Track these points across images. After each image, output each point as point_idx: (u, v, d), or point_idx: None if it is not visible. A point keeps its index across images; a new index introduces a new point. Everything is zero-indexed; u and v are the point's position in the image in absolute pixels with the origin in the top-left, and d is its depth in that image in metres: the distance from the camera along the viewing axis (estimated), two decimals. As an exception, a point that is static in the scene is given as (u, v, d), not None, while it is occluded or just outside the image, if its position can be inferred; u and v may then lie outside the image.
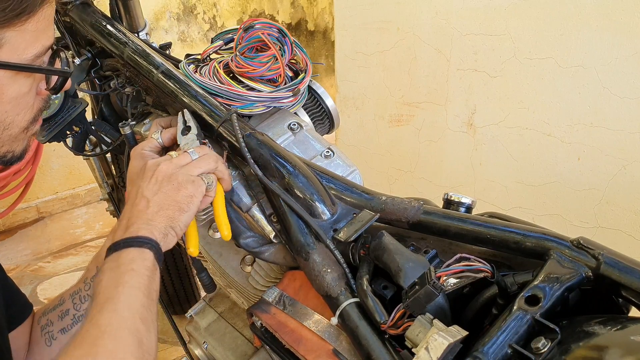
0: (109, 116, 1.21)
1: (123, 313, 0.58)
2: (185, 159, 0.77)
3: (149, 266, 0.65)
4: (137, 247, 0.66)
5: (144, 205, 0.71)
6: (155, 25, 3.23)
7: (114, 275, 0.63)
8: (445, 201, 0.79)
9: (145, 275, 0.63)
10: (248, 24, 0.97)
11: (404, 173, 2.19)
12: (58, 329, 0.80)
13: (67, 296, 0.82)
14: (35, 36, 0.61)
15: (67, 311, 0.81)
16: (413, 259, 0.66)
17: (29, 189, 2.67)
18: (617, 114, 1.46)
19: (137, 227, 0.68)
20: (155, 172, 0.74)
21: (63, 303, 0.82)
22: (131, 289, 0.61)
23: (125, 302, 0.59)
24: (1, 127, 0.63)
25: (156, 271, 0.66)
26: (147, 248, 0.66)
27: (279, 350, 0.79)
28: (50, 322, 0.81)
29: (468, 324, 0.62)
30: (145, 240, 0.67)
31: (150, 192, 0.72)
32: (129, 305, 0.59)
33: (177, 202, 0.72)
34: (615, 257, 0.57)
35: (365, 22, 2.12)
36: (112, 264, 0.65)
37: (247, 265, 0.96)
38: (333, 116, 1.03)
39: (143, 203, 0.71)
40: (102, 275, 0.64)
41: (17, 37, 0.59)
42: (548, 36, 1.56)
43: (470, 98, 1.84)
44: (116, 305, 0.59)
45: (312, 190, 0.79)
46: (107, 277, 0.63)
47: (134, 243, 0.66)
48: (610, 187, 1.52)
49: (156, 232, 0.69)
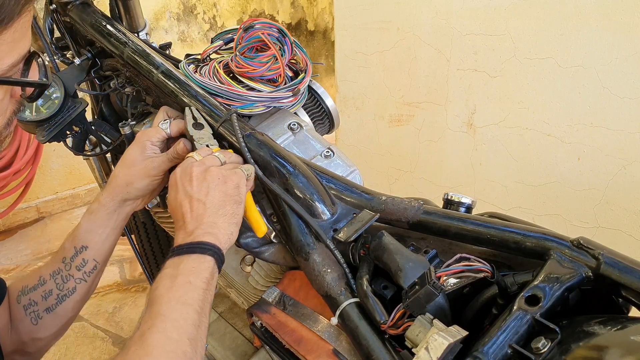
0: (109, 116, 1.21)
1: (172, 334, 0.58)
2: (215, 160, 0.76)
3: (206, 277, 0.65)
4: (199, 253, 0.66)
5: (201, 208, 0.71)
6: (155, 25, 3.23)
7: (169, 286, 0.63)
8: (445, 201, 0.80)
9: (200, 289, 0.64)
10: (248, 24, 0.97)
11: (404, 173, 2.19)
12: (43, 308, 0.81)
13: (47, 276, 0.82)
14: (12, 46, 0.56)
15: (50, 291, 0.81)
16: (413, 259, 0.66)
17: (29, 189, 2.66)
18: (617, 114, 1.46)
19: (202, 231, 0.68)
20: (192, 173, 0.73)
21: (45, 283, 0.82)
22: (183, 306, 0.61)
23: (175, 322, 0.60)
24: None
25: (213, 280, 0.66)
26: (209, 255, 0.66)
27: (279, 350, 0.79)
28: (33, 302, 0.81)
29: (468, 324, 0.62)
30: (208, 247, 0.67)
31: (201, 194, 0.71)
32: (178, 325, 0.60)
33: (231, 195, 0.72)
34: (615, 257, 0.57)
35: (365, 22, 2.12)
36: (171, 270, 0.65)
37: (247, 265, 0.96)
38: (333, 116, 1.03)
39: (199, 206, 0.71)
40: (158, 282, 0.65)
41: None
42: (548, 36, 1.56)
43: (470, 98, 1.84)
44: (165, 324, 0.59)
45: (312, 190, 0.79)
46: (162, 285, 0.64)
47: (197, 249, 0.66)
48: (610, 187, 1.52)
49: (221, 236, 0.69)
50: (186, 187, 0.73)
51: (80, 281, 0.82)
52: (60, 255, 0.84)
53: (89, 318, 2.11)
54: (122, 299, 2.23)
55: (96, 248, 0.83)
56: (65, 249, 0.84)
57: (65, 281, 0.82)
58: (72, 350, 1.94)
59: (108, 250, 0.85)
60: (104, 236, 0.84)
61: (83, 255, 0.83)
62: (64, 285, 0.82)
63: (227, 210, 0.71)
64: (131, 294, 2.26)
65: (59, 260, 0.83)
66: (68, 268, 0.82)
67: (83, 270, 0.82)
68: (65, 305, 0.82)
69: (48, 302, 0.81)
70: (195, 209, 0.71)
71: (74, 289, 0.82)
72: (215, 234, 0.69)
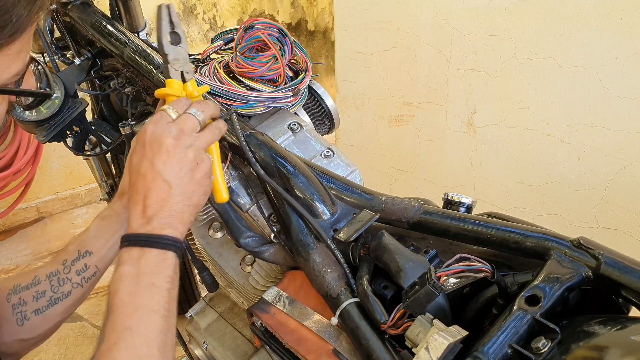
0: (109, 116, 1.21)
1: (141, 350, 0.56)
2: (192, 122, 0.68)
3: (170, 275, 0.62)
4: (159, 248, 0.62)
5: (166, 191, 0.64)
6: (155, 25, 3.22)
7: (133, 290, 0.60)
8: (445, 201, 0.80)
9: (165, 290, 0.61)
10: (248, 24, 0.97)
11: (404, 173, 2.19)
12: (32, 309, 0.77)
13: (43, 276, 0.79)
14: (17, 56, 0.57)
15: (43, 292, 0.78)
16: (413, 259, 0.66)
17: (29, 189, 2.67)
18: (617, 114, 1.46)
19: (163, 221, 0.63)
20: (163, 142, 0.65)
21: (39, 283, 0.78)
22: (150, 315, 0.58)
23: (143, 336, 0.57)
24: None
25: (176, 275, 0.63)
26: (171, 251, 0.62)
27: (279, 350, 0.79)
28: (23, 301, 0.78)
29: (468, 324, 0.62)
30: (171, 242, 0.63)
31: (171, 175, 0.64)
32: (147, 339, 0.57)
33: (201, 185, 0.67)
34: (615, 257, 0.57)
35: (365, 22, 2.12)
36: (130, 268, 0.61)
37: (247, 265, 0.96)
38: (333, 116, 1.03)
39: (164, 188, 0.64)
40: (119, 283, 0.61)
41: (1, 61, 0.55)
42: (548, 36, 1.56)
43: (470, 98, 1.84)
44: (133, 339, 0.56)
45: (312, 190, 0.79)
46: (124, 288, 0.60)
47: (157, 244, 0.62)
48: (610, 187, 1.52)
49: (182, 228, 0.64)
50: (154, 159, 0.65)
51: (77, 286, 0.79)
52: (61, 257, 0.81)
53: (89, 318, 2.10)
54: (122, 299, 2.22)
55: (100, 255, 0.80)
56: (69, 251, 0.81)
57: (60, 284, 0.79)
58: (72, 350, 1.94)
59: (111, 258, 0.82)
60: (110, 243, 0.80)
61: (86, 260, 0.80)
62: (58, 288, 0.79)
63: (193, 200, 0.66)
64: (131, 294, 2.26)
65: (58, 262, 0.81)
66: (67, 271, 0.79)
67: (82, 276, 0.79)
68: (56, 308, 0.78)
69: (39, 304, 0.78)
70: (159, 189, 0.64)
71: (68, 293, 0.79)
72: (176, 225, 0.64)
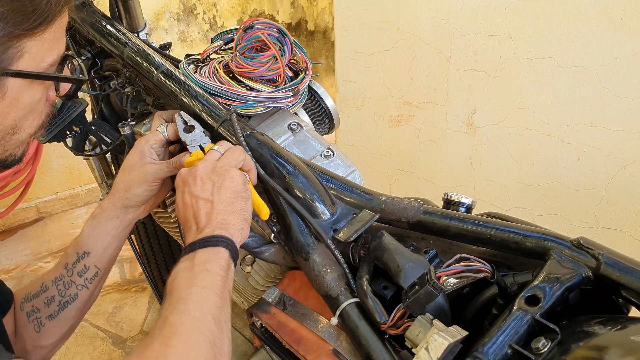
0: (109, 116, 1.21)
1: (195, 313, 0.58)
2: (215, 154, 0.76)
3: (223, 266, 0.64)
4: (212, 246, 0.66)
5: (209, 206, 0.70)
6: (155, 25, 3.22)
7: (188, 276, 0.63)
8: (445, 201, 0.80)
9: (219, 276, 0.63)
10: (248, 24, 0.97)
11: (404, 173, 2.19)
12: (45, 315, 0.81)
13: (50, 282, 0.82)
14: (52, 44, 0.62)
15: (52, 298, 0.81)
16: (413, 259, 0.66)
17: (29, 189, 2.66)
18: (617, 114, 1.46)
19: (212, 227, 0.68)
20: (197, 174, 0.73)
21: (47, 290, 0.82)
22: (204, 290, 0.61)
23: (197, 303, 0.59)
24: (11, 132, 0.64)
25: (230, 271, 0.66)
26: (222, 246, 0.66)
27: (279, 350, 0.79)
28: (36, 309, 0.81)
29: (468, 324, 0.62)
30: (221, 239, 0.66)
31: (207, 193, 0.71)
32: (200, 306, 0.59)
33: (238, 192, 0.72)
34: (615, 257, 0.57)
35: (365, 22, 2.12)
36: (186, 263, 0.65)
37: (247, 265, 0.96)
38: (333, 116, 1.03)
39: (207, 204, 0.70)
40: (175, 275, 0.64)
41: (36, 47, 0.60)
42: (548, 36, 1.56)
43: (470, 98, 1.84)
44: (188, 306, 0.59)
45: (312, 190, 0.79)
46: (180, 277, 0.63)
47: (209, 242, 0.66)
48: (610, 187, 1.52)
49: (232, 231, 0.68)
50: (192, 188, 0.72)
51: (81, 287, 0.82)
52: (63, 261, 0.83)
53: (89, 318, 2.10)
54: (122, 299, 2.23)
55: (98, 255, 0.83)
56: (69, 254, 0.83)
57: (67, 287, 0.82)
58: (72, 351, 1.94)
59: (110, 258, 0.85)
60: (105, 243, 0.83)
61: (85, 261, 0.82)
62: (65, 291, 0.81)
63: (236, 207, 0.71)
64: (131, 294, 2.26)
65: (61, 266, 0.83)
66: (70, 274, 0.82)
67: (84, 277, 0.82)
68: (67, 312, 0.81)
69: (50, 309, 0.81)
70: (203, 208, 0.70)
71: (75, 296, 0.81)
72: (225, 228, 0.68)
